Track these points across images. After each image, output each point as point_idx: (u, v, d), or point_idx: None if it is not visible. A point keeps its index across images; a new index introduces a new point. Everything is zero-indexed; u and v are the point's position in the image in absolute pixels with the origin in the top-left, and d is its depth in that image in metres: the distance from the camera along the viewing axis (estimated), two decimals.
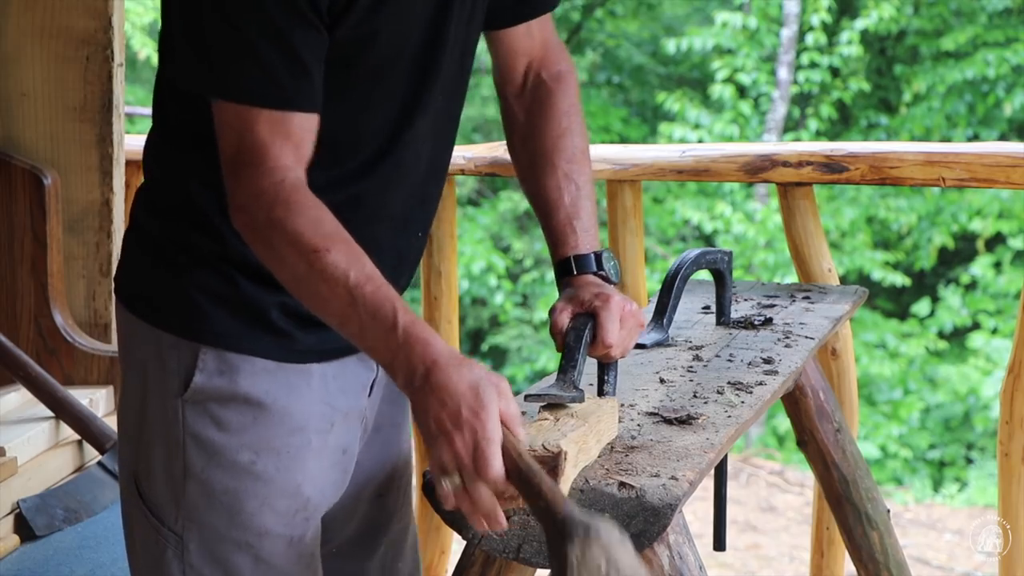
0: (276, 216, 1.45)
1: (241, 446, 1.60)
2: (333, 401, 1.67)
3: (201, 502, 1.61)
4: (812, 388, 2.41)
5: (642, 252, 3.07)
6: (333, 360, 1.66)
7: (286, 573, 1.64)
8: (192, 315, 1.60)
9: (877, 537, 2.51)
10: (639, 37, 12.76)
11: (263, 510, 1.61)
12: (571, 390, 1.53)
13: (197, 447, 1.60)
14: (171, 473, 1.62)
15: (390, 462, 1.84)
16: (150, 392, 1.64)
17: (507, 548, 1.46)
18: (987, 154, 2.74)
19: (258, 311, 1.60)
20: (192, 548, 1.62)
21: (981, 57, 10.52)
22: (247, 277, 1.59)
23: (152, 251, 1.64)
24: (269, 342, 1.61)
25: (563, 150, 1.78)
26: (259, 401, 1.60)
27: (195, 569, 1.62)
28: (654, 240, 10.84)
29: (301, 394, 1.63)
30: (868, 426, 9.26)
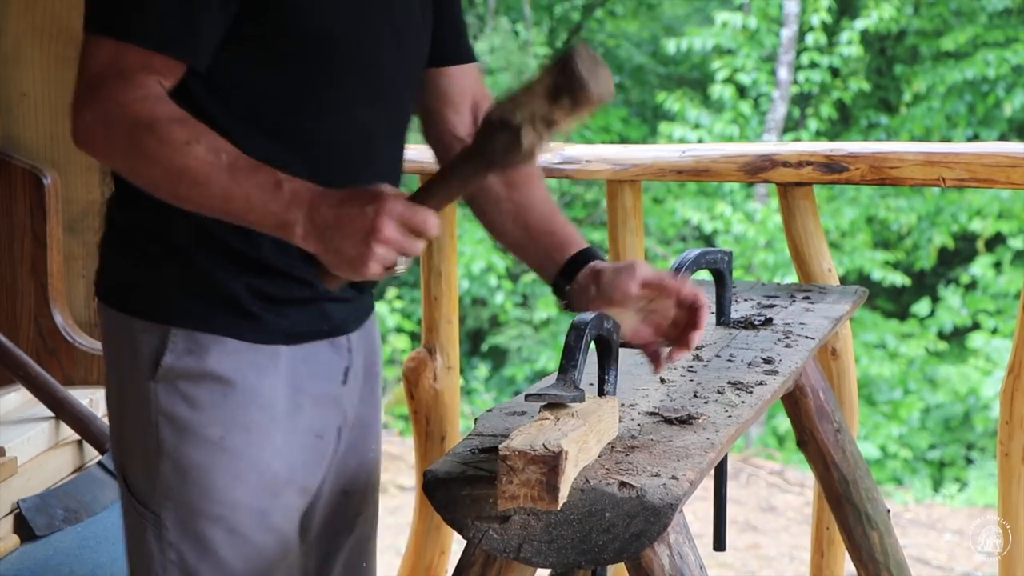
0: (143, 119, 1.51)
1: (211, 422, 1.66)
2: (301, 384, 1.73)
3: (175, 479, 1.67)
4: (812, 388, 2.40)
5: (642, 252, 3.07)
6: (302, 343, 1.72)
7: (258, 545, 1.70)
8: (162, 299, 1.66)
9: (877, 537, 2.51)
10: (639, 37, 12.76)
11: (234, 484, 1.68)
12: (572, 390, 1.53)
13: (169, 425, 1.66)
14: (147, 454, 1.68)
15: (356, 460, 1.88)
16: (124, 378, 1.70)
17: (507, 548, 1.46)
18: (987, 154, 2.74)
19: (226, 293, 1.66)
20: (168, 525, 1.69)
21: (981, 57, 10.52)
22: (215, 260, 1.65)
23: (124, 243, 1.70)
24: (237, 323, 1.67)
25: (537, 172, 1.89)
26: (228, 379, 1.66)
27: (173, 546, 1.69)
28: (654, 240, 10.85)
29: (269, 374, 1.69)
30: (868, 426, 9.26)
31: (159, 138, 1.50)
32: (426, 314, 3.21)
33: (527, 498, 1.37)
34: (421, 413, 3.20)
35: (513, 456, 1.37)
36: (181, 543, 1.69)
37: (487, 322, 10.86)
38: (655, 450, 1.55)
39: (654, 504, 1.42)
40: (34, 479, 2.65)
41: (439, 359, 3.20)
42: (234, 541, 1.69)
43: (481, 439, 1.60)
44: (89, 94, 1.54)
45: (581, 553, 1.44)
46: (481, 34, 12.13)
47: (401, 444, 8.27)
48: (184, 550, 1.69)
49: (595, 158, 3.03)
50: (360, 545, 1.93)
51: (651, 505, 1.42)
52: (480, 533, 1.46)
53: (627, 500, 1.43)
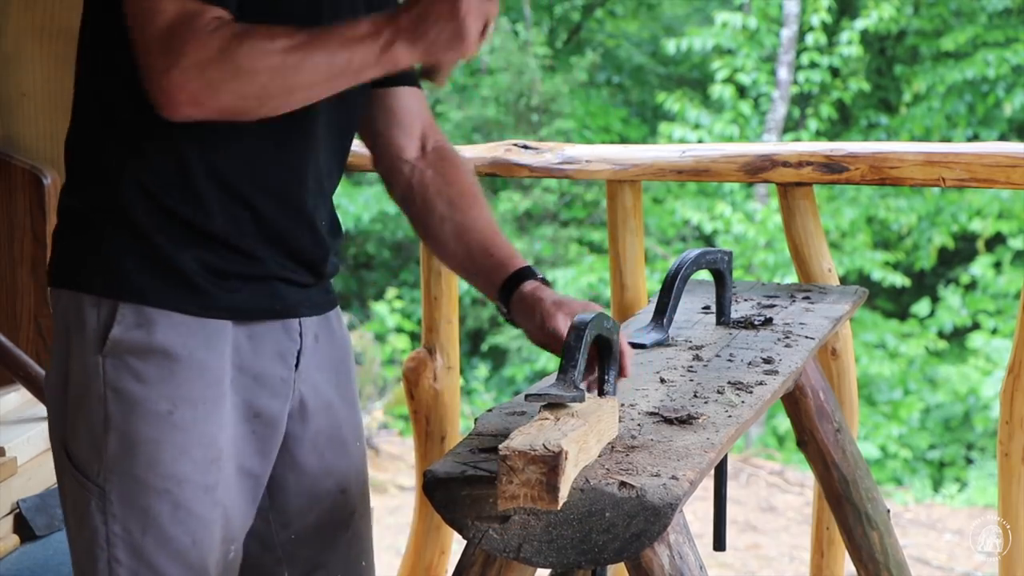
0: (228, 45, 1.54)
1: (160, 397, 1.68)
2: (244, 362, 1.75)
3: (121, 452, 1.69)
4: (812, 388, 2.41)
5: (642, 252, 3.07)
6: (250, 323, 1.75)
7: (202, 518, 1.72)
8: (111, 274, 1.69)
9: (877, 537, 2.51)
10: (639, 37, 12.77)
11: (181, 458, 1.70)
12: (572, 390, 1.53)
13: (117, 399, 1.68)
14: (93, 428, 1.70)
15: (348, 458, 1.91)
16: (72, 353, 1.72)
17: (507, 548, 1.46)
18: (987, 154, 2.73)
19: (175, 267, 1.69)
20: (114, 498, 1.70)
21: (981, 57, 10.52)
22: (165, 234, 1.68)
23: (75, 225, 1.73)
24: (185, 297, 1.69)
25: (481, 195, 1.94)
26: (175, 353, 1.69)
27: (117, 519, 1.71)
28: (654, 240, 10.85)
29: (216, 349, 1.72)
30: (868, 426, 9.26)
31: (254, 49, 1.55)
32: (426, 314, 3.21)
33: (527, 498, 1.37)
34: (421, 413, 3.20)
35: (513, 456, 1.37)
36: (126, 516, 1.71)
37: (487, 322, 10.86)
38: (655, 450, 1.55)
39: (654, 504, 1.42)
40: (34, 479, 2.65)
41: (439, 359, 3.19)
42: (179, 515, 1.71)
43: (481, 439, 1.60)
44: (167, 57, 1.55)
45: (581, 553, 1.44)
46: None
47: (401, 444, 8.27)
48: (129, 523, 1.71)
49: (595, 158, 3.03)
50: (358, 543, 1.95)
51: (651, 505, 1.42)
52: (480, 533, 1.46)
53: (627, 500, 1.43)
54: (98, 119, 1.71)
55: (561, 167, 3.06)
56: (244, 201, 1.71)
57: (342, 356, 1.92)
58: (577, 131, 11.42)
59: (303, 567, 1.89)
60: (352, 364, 1.97)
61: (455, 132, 11.39)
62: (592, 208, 11.09)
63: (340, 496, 1.89)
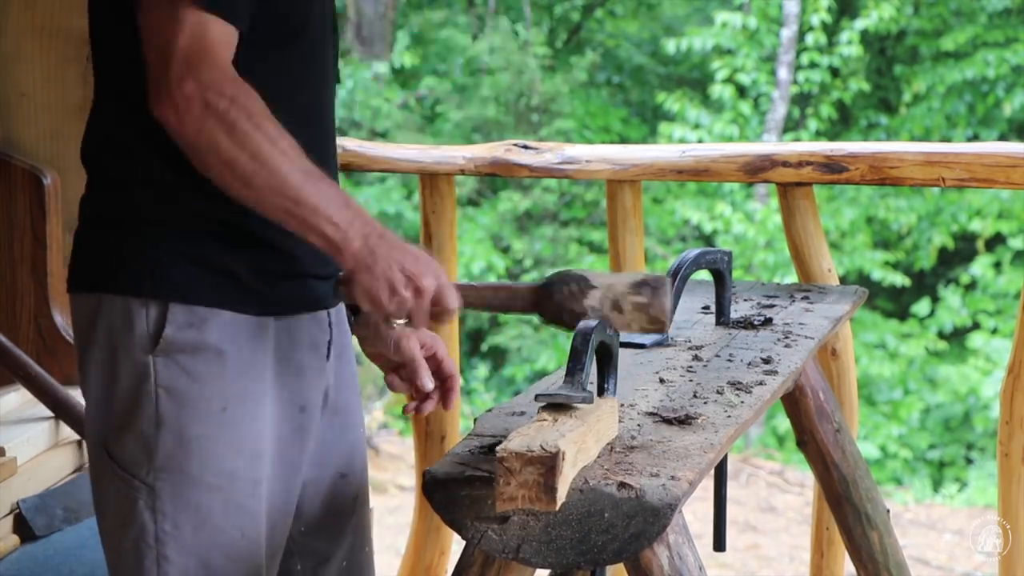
0: (240, 100, 1.57)
1: (212, 394, 1.70)
2: (286, 355, 1.78)
3: (175, 450, 1.70)
4: (812, 388, 2.40)
5: (642, 252, 3.07)
6: (287, 317, 1.77)
7: (251, 512, 1.74)
8: (161, 276, 1.70)
9: (877, 537, 2.51)
10: (639, 37, 12.76)
11: (233, 454, 1.71)
12: (580, 391, 1.53)
13: (170, 398, 1.69)
14: (143, 427, 1.71)
15: (349, 441, 1.93)
16: (120, 356, 1.72)
17: (506, 548, 1.46)
18: (987, 154, 2.74)
19: (223, 267, 1.71)
20: (165, 496, 1.71)
21: (981, 57, 10.51)
22: (211, 236, 1.70)
23: (113, 230, 1.74)
24: (234, 295, 1.72)
25: None
26: (226, 351, 1.71)
27: (167, 516, 1.71)
28: (654, 240, 10.84)
29: (261, 345, 1.74)
30: (868, 426, 9.26)
31: (255, 125, 1.56)
32: None
33: (525, 499, 1.37)
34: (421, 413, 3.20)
35: (510, 457, 1.37)
36: (177, 514, 1.71)
37: (487, 322, 10.86)
38: (654, 450, 1.55)
39: (653, 504, 1.42)
40: (34, 479, 2.65)
41: None
42: (229, 510, 1.72)
43: (480, 439, 1.60)
44: (187, 69, 1.57)
45: (580, 553, 1.44)
46: (481, 34, 12.14)
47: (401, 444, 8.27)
48: (180, 520, 1.71)
49: (595, 158, 3.03)
50: (361, 529, 1.97)
51: (650, 505, 1.42)
52: (479, 533, 1.46)
53: (626, 500, 1.43)
54: (132, 127, 1.70)
55: (561, 167, 3.06)
56: None
57: (345, 340, 1.94)
58: (577, 131, 11.42)
59: (314, 560, 1.90)
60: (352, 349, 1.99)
61: (455, 132, 11.39)
62: (592, 208, 11.09)
63: (341, 481, 1.91)
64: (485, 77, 11.60)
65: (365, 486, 1.98)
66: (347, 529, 1.94)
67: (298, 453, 1.81)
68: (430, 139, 11.31)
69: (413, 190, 10.46)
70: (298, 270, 1.77)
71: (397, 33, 12.24)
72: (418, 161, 3.14)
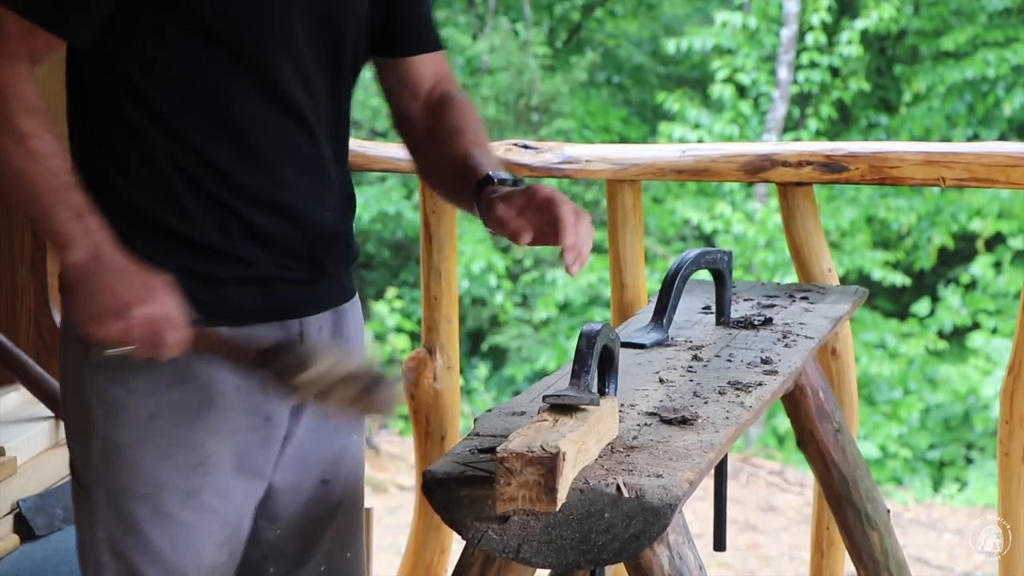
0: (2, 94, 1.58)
1: (142, 402, 1.70)
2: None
3: (106, 457, 1.72)
4: (812, 388, 2.40)
5: (642, 252, 3.07)
6: (245, 325, 1.74)
7: (185, 523, 1.73)
8: None
9: (877, 537, 2.51)
10: (639, 37, 12.76)
11: (160, 462, 1.71)
12: (587, 393, 1.53)
13: (101, 405, 1.71)
14: (82, 434, 1.74)
15: (337, 447, 1.90)
16: (69, 363, 1.75)
17: (506, 548, 1.46)
18: (987, 154, 2.73)
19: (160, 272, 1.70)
20: (100, 502, 1.73)
21: (981, 57, 10.52)
22: (150, 242, 1.69)
23: None
24: None
25: (471, 128, 1.91)
26: None
27: (102, 522, 1.74)
28: (654, 240, 10.84)
29: None
30: (868, 426, 9.26)
31: (5, 117, 1.58)
32: (426, 314, 3.21)
33: (525, 500, 1.37)
34: (421, 413, 3.20)
35: (511, 458, 1.37)
36: (110, 521, 1.73)
37: (487, 322, 10.86)
38: (655, 450, 1.55)
39: (653, 504, 1.42)
40: (34, 479, 2.65)
41: (439, 359, 3.19)
42: (159, 519, 1.72)
43: (480, 439, 1.60)
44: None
45: (580, 553, 1.44)
46: (481, 34, 12.14)
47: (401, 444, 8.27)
48: (112, 528, 1.73)
49: (595, 158, 3.03)
50: (343, 535, 1.94)
51: (650, 505, 1.42)
52: (479, 533, 1.46)
53: (626, 500, 1.43)
54: (86, 133, 1.73)
55: (561, 167, 3.06)
56: (226, 207, 1.71)
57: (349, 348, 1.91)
58: (577, 131, 11.42)
59: (287, 564, 1.89)
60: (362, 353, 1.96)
61: None
62: (592, 208, 11.08)
63: (322, 487, 1.89)
64: (485, 77, 11.60)
65: (353, 492, 1.95)
66: (325, 535, 1.92)
67: (262, 463, 1.79)
68: None
69: (413, 190, 10.47)
70: (254, 275, 1.74)
71: None
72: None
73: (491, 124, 11.24)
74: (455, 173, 1.85)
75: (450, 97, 1.94)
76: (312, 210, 1.79)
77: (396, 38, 1.92)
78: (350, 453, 1.93)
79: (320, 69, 1.78)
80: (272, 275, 1.76)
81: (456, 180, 1.84)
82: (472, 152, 1.84)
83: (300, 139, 1.77)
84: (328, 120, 1.81)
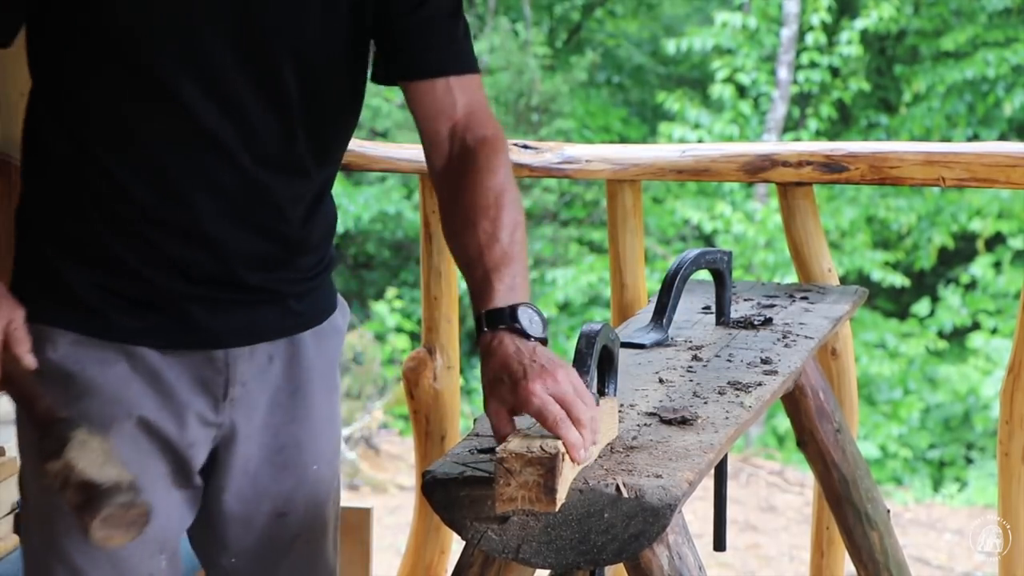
0: None
1: None
2: (166, 389, 1.72)
3: (27, 466, 1.74)
4: (812, 388, 2.40)
5: (642, 252, 3.06)
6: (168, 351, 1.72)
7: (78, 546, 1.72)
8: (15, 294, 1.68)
9: (877, 537, 2.51)
10: (639, 37, 12.76)
11: None
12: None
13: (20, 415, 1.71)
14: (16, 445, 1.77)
15: (292, 481, 1.85)
16: None
17: (506, 548, 1.46)
18: (987, 154, 2.73)
19: (74, 290, 1.69)
20: (28, 510, 1.77)
21: (981, 57, 10.52)
22: (65, 257, 1.69)
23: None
24: (81, 319, 1.70)
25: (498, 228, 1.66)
26: (70, 371, 1.69)
27: (26, 533, 1.78)
28: (654, 240, 10.84)
29: (115, 370, 1.70)
30: (868, 426, 9.26)
31: None
32: (426, 314, 3.21)
33: (524, 500, 1.37)
34: (421, 413, 3.20)
35: (510, 458, 1.37)
36: (31, 531, 1.76)
37: None
38: (654, 450, 1.55)
39: (653, 505, 1.42)
40: None
41: (439, 359, 3.19)
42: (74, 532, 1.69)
43: (480, 439, 1.60)
44: None
45: (580, 554, 1.44)
46: (481, 34, 12.14)
47: (401, 444, 8.27)
48: (34, 537, 1.76)
49: (595, 158, 3.02)
50: (301, 568, 1.89)
51: (650, 506, 1.42)
52: (479, 534, 1.46)
53: (626, 501, 1.42)
54: (26, 146, 1.74)
55: (561, 167, 3.06)
56: (141, 235, 1.69)
57: (309, 377, 1.83)
58: (577, 131, 11.42)
59: None
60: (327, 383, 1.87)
61: None
62: (592, 208, 11.09)
63: (276, 520, 1.85)
64: (485, 77, 11.59)
65: (313, 525, 1.89)
66: (282, 566, 1.88)
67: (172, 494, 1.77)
68: None
69: (413, 190, 10.46)
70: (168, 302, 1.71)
71: None
72: (418, 161, 3.13)
73: None
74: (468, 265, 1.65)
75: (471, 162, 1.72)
76: (237, 238, 1.72)
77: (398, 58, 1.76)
78: (308, 485, 1.87)
79: (250, 95, 1.67)
80: (192, 303, 1.72)
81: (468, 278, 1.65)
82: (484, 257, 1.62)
83: (217, 165, 1.68)
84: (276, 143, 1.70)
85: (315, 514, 1.89)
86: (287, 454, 1.83)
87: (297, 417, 1.83)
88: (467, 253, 1.65)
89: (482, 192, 1.69)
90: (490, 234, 1.65)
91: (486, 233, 1.65)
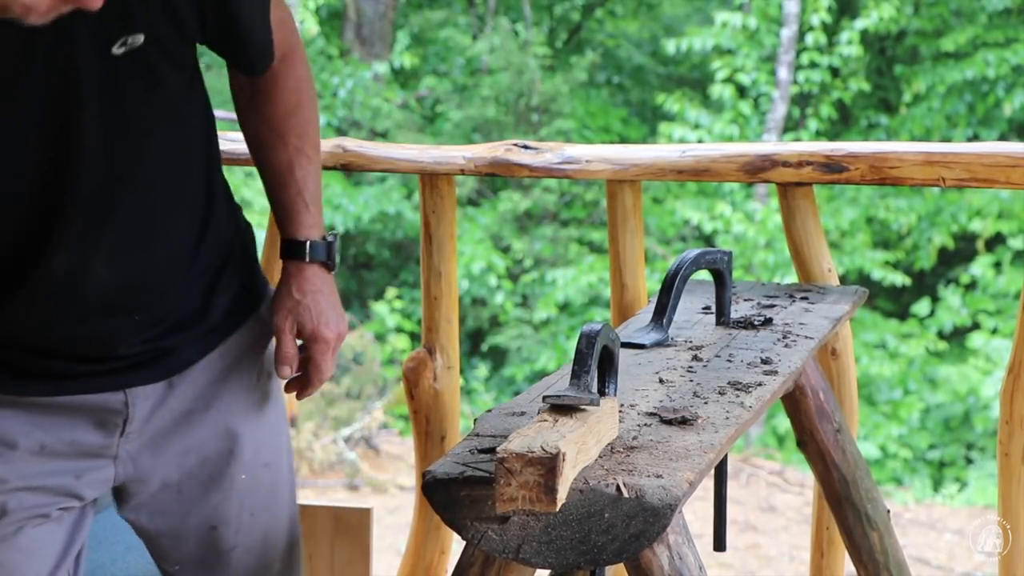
0: None
1: None
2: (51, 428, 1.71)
3: None
4: (812, 388, 2.40)
5: (642, 252, 3.07)
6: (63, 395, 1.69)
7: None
8: None
9: (877, 537, 2.51)
10: (639, 37, 12.78)
11: None
12: (587, 393, 1.53)
13: None
14: None
15: (219, 495, 1.85)
16: None
17: (506, 548, 1.46)
18: (987, 154, 2.73)
19: None
20: None
21: (981, 57, 10.53)
22: None
23: None
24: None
25: (293, 127, 1.84)
26: None
27: None
28: (654, 240, 10.84)
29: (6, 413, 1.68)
30: (868, 426, 9.26)
31: None
32: (426, 314, 3.21)
33: (525, 500, 1.36)
34: (421, 413, 3.20)
35: (510, 458, 1.37)
36: None
37: (487, 322, 10.86)
38: (654, 451, 1.55)
39: (653, 505, 1.42)
40: None
41: (439, 359, 3.19)
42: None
43: (480, 440, 1.60)
44: None
45: (580, 554, 1.44)
46: (481, 34, 12.14)
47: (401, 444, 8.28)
48: None
49: (595, 158, 3.02)
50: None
51: (650, 506, 1.42)
52: (479, 534, 1.46)
53: (626, 501, 1.42)
54: None
55: (561, 167, 3.06)
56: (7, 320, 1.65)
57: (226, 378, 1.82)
58: (577, 131, 11.43)
59: None
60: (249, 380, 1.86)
61: (455, 132, 11.39)
62: (592, 208, 11.09)
63: (209, 533, 1.86)
64: (485, 77, 11.61)
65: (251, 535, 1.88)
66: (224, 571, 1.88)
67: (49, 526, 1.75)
68: (430, 139, 11.32)
69: (413, 190, 10.47)
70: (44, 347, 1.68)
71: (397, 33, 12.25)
72: (418, 161, 3.13)
73: (491, 124, 11.25)
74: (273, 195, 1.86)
75: (270, 74, 1.81)
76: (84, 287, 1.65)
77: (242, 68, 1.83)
78: (238, 495, 1.86)
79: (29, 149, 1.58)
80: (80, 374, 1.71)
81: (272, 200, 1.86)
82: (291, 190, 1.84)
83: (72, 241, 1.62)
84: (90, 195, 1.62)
85: (251, 524, 1.88)
86: (214, 468, 1.83)
87: (217, 431, 1.83)
88: (275, 167, 1.84)
89: (283, 99, 1.84)
90: (297, 148, 1.84)
91: (293, 147, 1.84)
